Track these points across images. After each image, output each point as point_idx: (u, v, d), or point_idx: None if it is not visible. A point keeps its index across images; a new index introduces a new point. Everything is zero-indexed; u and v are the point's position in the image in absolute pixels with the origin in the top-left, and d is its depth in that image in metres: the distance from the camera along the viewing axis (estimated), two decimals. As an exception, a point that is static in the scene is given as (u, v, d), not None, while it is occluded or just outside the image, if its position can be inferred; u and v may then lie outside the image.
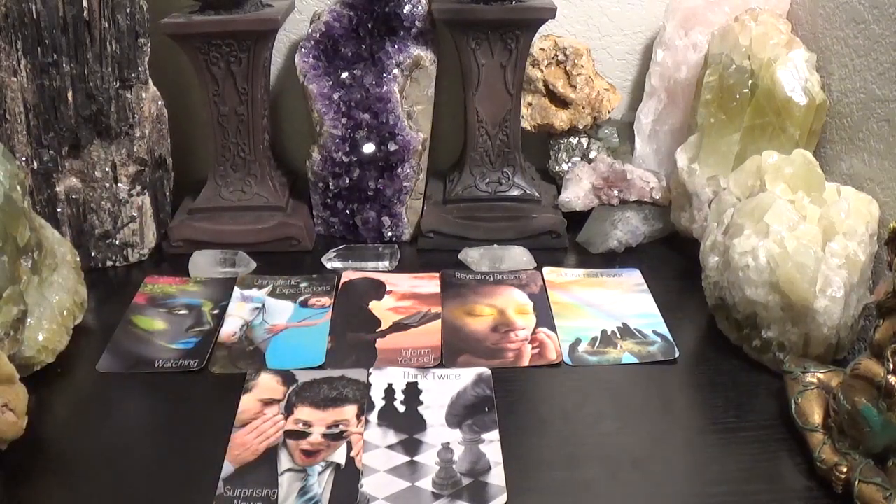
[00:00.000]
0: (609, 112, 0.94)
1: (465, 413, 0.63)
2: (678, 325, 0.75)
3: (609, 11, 0.99)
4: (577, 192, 0.89)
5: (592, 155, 0.95)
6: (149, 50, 0.82)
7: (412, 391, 0.66)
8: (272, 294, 0.80)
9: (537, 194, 0.91)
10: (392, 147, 0.88)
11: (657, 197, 0.88)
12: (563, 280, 0.83)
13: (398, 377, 0.67)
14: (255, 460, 0.58)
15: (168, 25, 0.81)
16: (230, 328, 0.74)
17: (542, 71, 0.94)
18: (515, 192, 0.90)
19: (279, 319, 0.76)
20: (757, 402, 0.65)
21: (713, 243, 0.72)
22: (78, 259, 0.77)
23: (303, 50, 0.87)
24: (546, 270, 0.84)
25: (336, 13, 0.87)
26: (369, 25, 0.86)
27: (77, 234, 0.84)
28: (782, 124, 0.79)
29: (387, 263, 0.85)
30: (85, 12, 0.78)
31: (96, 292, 0.80)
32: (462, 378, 0.67)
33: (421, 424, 0.62)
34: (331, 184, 0.90)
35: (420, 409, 0.64)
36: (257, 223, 0.88)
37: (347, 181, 0.89)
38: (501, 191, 0.90)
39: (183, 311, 0.77)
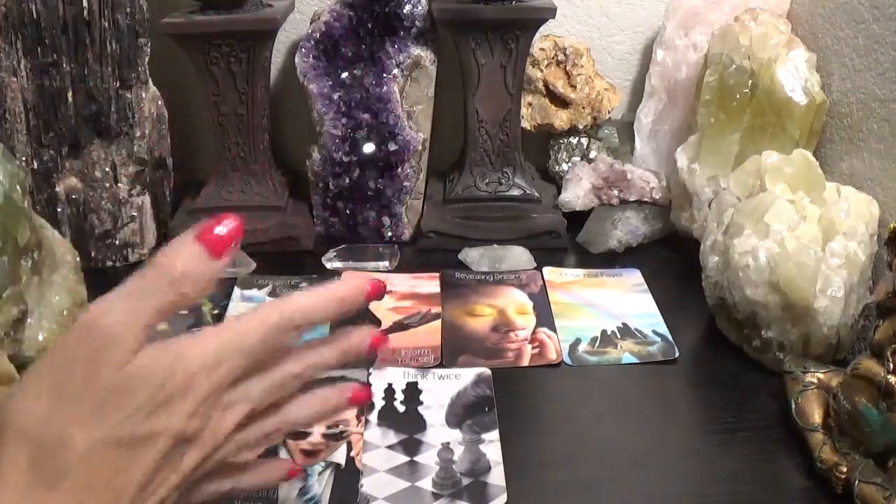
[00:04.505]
0: (609, 112, 0.94)
1: (465, 413, 0.63)
2: (678, 325, 0.75)
3: (609, 11, 0.99)
4: (577, 192, 0.89)
5: (592, 155, 0.95)
6: (149, 50, 0.82)
7: (412, 391, 0.66)
8: (272, 294, 0.80)
9: (537, 194, 0.91)
10: (392, 147, 0.88)
11: (657, 197, 0.88)
12: (564, 280, 0.83)
13: (398, 377, 0.67)
14: (255, 460, 0.58)
15: (168, 25, 0.81)
16: (230, 328, 0.74)
17: (542, 71, 0.94)
18: (515, 192, 0.90)
19: (279, 319, 0.76)
20: (757, 402, 0.65)
21: (713, 243, 0.72)
22: (78, 259, 0.76)
23: (303, 50, 0.87)
24: (546, 270, 0.84)
25: (336, 13, 0.86)
26: (369, 25, 0.86)
27: (77, 234, 0.84)
28: (782, 124, 0.78)
29: (387, 263, 0.85)
30: (85, 12, 0.78)
31: (96, 292, 0.79)
32: (462, 378, 0.67)
33: (421, 424, 0.62)
34: (331, 184, 0.90)
35: (420, 409, 0.64)
36: (257, 223, 0.88)
37: (347, 181, 0.89)
38: (501, 191, 0.90)
39: (183, 312, 0.77)
